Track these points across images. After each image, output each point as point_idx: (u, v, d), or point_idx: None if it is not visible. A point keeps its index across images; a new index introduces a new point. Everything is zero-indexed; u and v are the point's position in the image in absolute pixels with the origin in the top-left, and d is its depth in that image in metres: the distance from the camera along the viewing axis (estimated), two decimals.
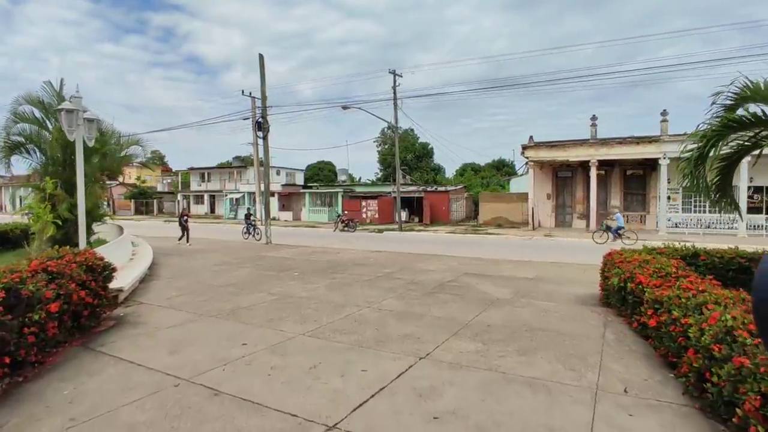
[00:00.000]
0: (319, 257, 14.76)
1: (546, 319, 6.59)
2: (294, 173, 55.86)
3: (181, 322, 6.39)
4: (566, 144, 26.24)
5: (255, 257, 14.44)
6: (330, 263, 13.13)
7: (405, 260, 14.22)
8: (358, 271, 11.55)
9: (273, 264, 12.78)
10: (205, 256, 14.47)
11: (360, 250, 17.12)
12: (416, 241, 21.79)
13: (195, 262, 12.99)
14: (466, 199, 37.07)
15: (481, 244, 20.57)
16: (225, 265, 12.48)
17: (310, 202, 38.87)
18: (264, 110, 19.30)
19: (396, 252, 16.52)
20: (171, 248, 17.09)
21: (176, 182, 54.61)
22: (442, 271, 11.66)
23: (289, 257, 14.61)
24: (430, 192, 33.95)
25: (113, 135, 14.34)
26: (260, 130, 19.20)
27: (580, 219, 28.78)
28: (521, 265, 13.16)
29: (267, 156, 19.55)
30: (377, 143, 74.26)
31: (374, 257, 14.92)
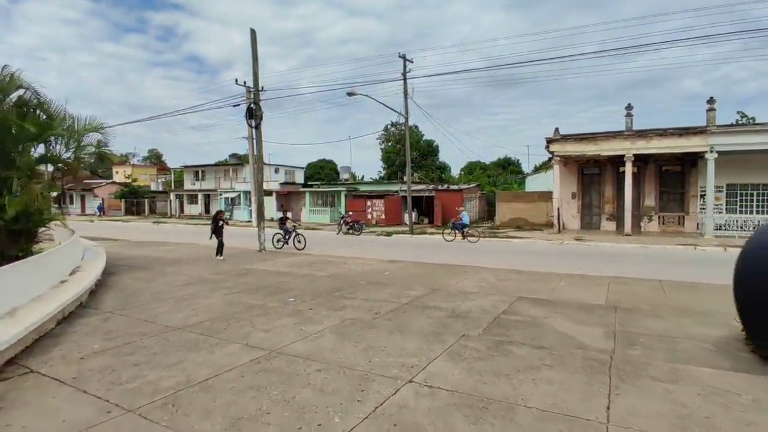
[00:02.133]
0: (321, 269, 11.93)
1: (736, 415, 3.71)
2: (293, 171, 53.03)
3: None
4: (597, 137, 23.38)
5: (241, 271, 11.59)
6: (336, 280, 10.30)
7: (429, 274, 11.40)
8: (374, 293, 8.71)
9: (262, 282, 9.93)
10: (179, 270, 11.63)
11: (370, 259, 14.29)
12: (432, 247, 18.95)
13: (160, 280, 10.13)
14: (479, 199, 34.22)
15: (509, 251, 17.72)
16: (198, 284, 9.63)
17: (311, 202, 36.05)
18: (256, 94, 16.47)
19: (414, 262, 13.68)
20: (143, 258, 14.25)
21: (169, 181, 51.76)
22: (485, 294, 8.82)
23: (284, 270, 11.77)
24: (442, 191, 31.11)
25: (65, 119, 11.52)
26: (252, 118, 16.37)
27: (609, 220, 25.94)
28: (577, 281, 10.34)
29: (260, 148, 16.73)
30: (380, 140, 71.59)
31: (390, 269, 12.10)
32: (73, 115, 11.75)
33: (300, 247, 16.94)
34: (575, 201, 26.69)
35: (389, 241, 21.85)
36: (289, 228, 17.75)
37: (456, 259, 14.48)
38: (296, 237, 17.39)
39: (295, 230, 17.76)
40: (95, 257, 11.39)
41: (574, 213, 26.52)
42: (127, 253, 15.23)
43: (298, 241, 17.24)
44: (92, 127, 12.12)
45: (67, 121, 11.57)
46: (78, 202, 54.46)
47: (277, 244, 17.63)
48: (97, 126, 12.06)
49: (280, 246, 17.45)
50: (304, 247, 16.88)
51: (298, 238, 17.30)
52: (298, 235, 17.47)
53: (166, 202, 48.82)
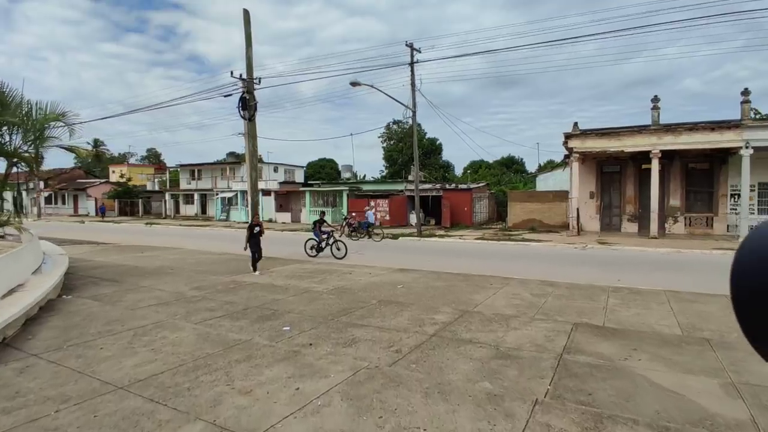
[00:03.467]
0: (322, 281, 10.19)
1: None
2: (293, 170, 51.24)
3: None
4: (621, 132, 21.61)
5: (229, 285, 9.83)
6: (341, 297, 8.55)
7: (450, 287, 9.66)
8: (390, 318, 6.96)
9: (252, 301, 8.18)
10: (155, 284, 9.87)
11: (379, 268, 12.55)
12: (445, 252, 17.21)
13: (127, 299, 8.33)
14: (489, 199, 32.47)
15: (529, 256, 15.97)
16: (173, 305, 7.87)
17: (311, 202, 34.29)
18: (250, 83, 14.71)
19: (430, 271, 11.93)
20: (119, 267, 12.49)
21: (164, 180, 49.98)
22: (527, 317, 7.08)
23: (279, 284, 10.02)
24: (450, 190, 29.34)
25: (22, 105, 9.78)
26: (245, 109, 14.61)
27: (631, 222, 24.19)
28: (629, 298, 8.61)
29: (254, 142, 14.98)
30: (382, 139, 69.92)
31: (403, 281, 10.35)
32: (32, 101, 10.04)
33: (339, 255, 14.66)
34: (594, 201, 24.94)
35: (397, 246, 20.09)
36: (329, 232, 15.40)
37: (473, 267, 12.74)
38: (335, 244, 15.08)
39: (332, 236, 15.38)
40: (54, 268, 9.63)
41: (592, 214, 24.77)
42: (103, 261, 13.48)
43: (337, 248, 14.90)
44: (54, 116, 10.39)
45: (23, 108, 9.83)
46: (71, 203, 52.71)
47: (311, 251, 15.29)
48: (59, 114, 10.32)
49: (314, 254, 15.15)
50: (345, 255, 14.63)
51: (337, 245, 15.00)
52: (337, 241, 15.18)
53: (161, 202, 47.05)
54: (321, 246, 15.17)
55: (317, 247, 15.20)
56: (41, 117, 10.12)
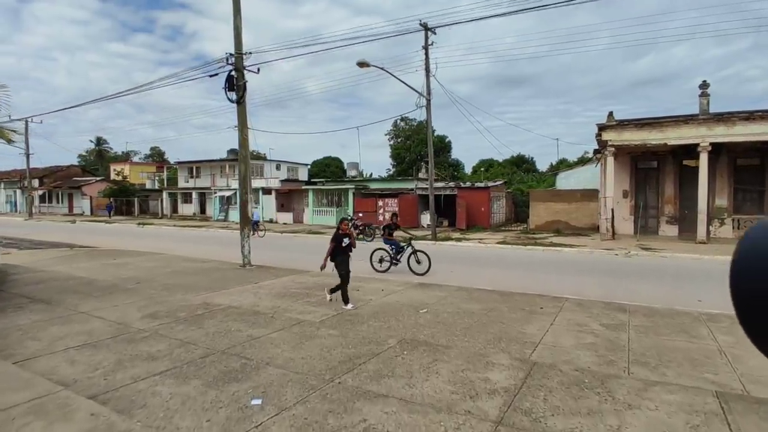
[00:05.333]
0: (321, 304, 7.79)
1: None
2: (297, 168, 48.98)
3: None
4: (664, 122, 19.04)
5: (195, 311, 7.44)
6: (344, 332, 6.15)
7: (492, 314, 7.26)
8: (420, 379, 4.52)
9: (216, 342, 5.78)
10: (99, 309, 7.51)
11: (393, 282, 10.15)
12: (467, 259, 14.77)
13: (41, 337, 5.95)
14: (506, 198, 29.97)
15: (567, 265, 13.50)
16: (99, 348, 5.52)
17: (315, 201, 31.92)
18: (238, 58, 12.34)
19: (457, 287, 9.50)
20: (71, 279, 10.17)
21: (162, 178, 47.81)
22: (633, 379, 4.63)
23: (263, 308, 7.62)
24: (465, 189, 26.86)
25: None
26: (232, 89, 12.25)
27: (670, 224, 21.61)
28: (736, 331, 6.02)
29: (245, 130, 12.63)
30: (389, 136, 67.61)
31: (426, 302, 7.94)
32: None
33: (420, 271, 11.23)
34: (627, 201, 22.40)
35: None
36: (400, 243, 11.85)
37: (505, 280, 10.33)
38: (414, 255, 11.56)
39: (411, 245, 11.79)
40: None
41: (625, 215, 22.20)
42: (57, 271, 11.16)
43: (417, 261, 11.44)
44: None
45: None
46: (65, 201, 50.71)
47: (379, 265, 11.81)
48: None
49: (385, 269, 11.75)
50: (428, 270, 11.21)
51: (417, 256, 11.48)
52: (417, 252, 11.60)
53: (157, 201, 44.86)
54: (397, 259, 11.82)
55: (391, 259, 11.84)
56: None
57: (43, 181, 52.16)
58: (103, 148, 77.03)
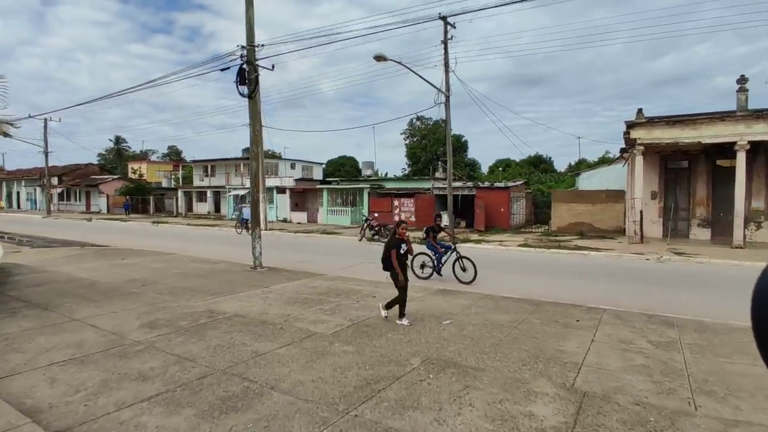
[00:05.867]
0: (335, 312, 7.16)
1: None
2: (311, 167, 48.55)
3: None
4: (698, 119, 17.98)
5: (198, 320, 6.86)
6: (360, 348, 5.50)
7: (523, 326, 6.54)
8: (451, 411, 3.83)
9: (217, 360, 5.17)
10: (95, 315, 6.98)
11: (413, 288, 9.44)
12: (489, 264, 13.96)
13: (26, 349, 5.34)
14: (526, 199, 29.02)
15: (595, 270, 12.65)
16: (86, 364, 4.96)
17: (329, 201, 31.37)
18: (250, 50, 11.79)
19: (482, 295, 8.77)
20: (74, 280, 9.70)
21: (177, 176, 47.78)
22: (708, 418, 3.86)
23: (272, 316, 7.01)
24: (484, 189, 26.00)
25: None
26: (244, 83, 11.70)
27: (702, 227, 20.49)
28: None
29: (257, 125, 12.09)
30: (405, 136, 66.87)
31: (449, 311, 7.25)
32: None
33: (466, 279, 10.22)
34: (656, 202, 21.32)
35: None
36: (447, 244, 10.97)
37: (533, 286, 9.55)
38: (459, 261, 10.46)
39: (456, 250, 10.68)
40: None
41: (654, 217, 21.14)
42: (60, 272, 10.73)
43: (463, 268, 10.36)
44: None
45: None
46: (83, 199, 51.11)
47: (421, 271, 10.87)
48: None
49: (427, 275, 10.82)
50: (474, 278, 10.18)
51: (463, 263, 10.37)
52: (462, 258, 10.44)
53: (172, 199, 44.84)
54: (440, 265, 10.78)
55: (434, 265, 10.79)
56: None
57: (61, 179, 52.66)
58: (121, 147, 77.81)
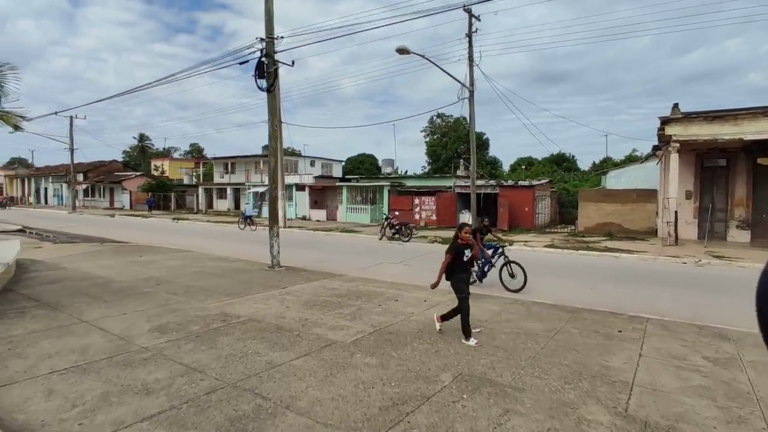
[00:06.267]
0: (355, 317, 6.70)
1: None
2: (331, 165, 48.31)
3: None
4: (739, 114, 16.95)
5: (210, 324, 6.48)
6: (384, 360, 5.02)
7: (560, 336, 5.98)
8: None
9: (227, 373, 4.76)
10: (105, 316, 6.66)
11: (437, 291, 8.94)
12: None
13: (28, 354, 5.05)
14: (551, 198, 28.15)
15: (628, 274, 11.91)
16: (88, 374, 4.60)
17: (349, 199, 31.01)
18: (269, 42, 11.41)
19: (512, 300, 8.21)
20: (88, 277, 9.47)
21: (198, 173, 48.09)
22: None
23: (289, 320, 6.59)
24: (508, 187, 25.26)
25: None
26: (263, 77, 11.33)
27: (741, 229, 19.40)
28: None
29: (275, 120, 11.72)
30: (425, 133, 66.17)
31: (479, 317, 6.72)
32: None
33: (515, 287, 9.21)
34: (691, 202, 20.28)
35: None
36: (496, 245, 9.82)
37: (566, 292, 8.91)
38: (507, 266, 9.37)
39: (503, 252, 9.50)
40: None
41: (688, 218, 20.11)
42: (75, 269, 10.53)
43: (511, 274, 9.31)
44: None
45: None
46: (107, 195, 51.93)
47: (481, 274, 9.78)
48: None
49: (473, 281, 8.82)
50: (524, 286, 9.13)
51: (511, 268, 9.37)
52: (511, 263, 9.31)
53: (193, 196, 45.15)
54: (485, 270, 9.72)
55: (478, 271, 9.65)
56: None
57: (86, 176, 53.62)
58: (145, 144, 79.06)
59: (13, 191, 66.94)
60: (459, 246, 6.01)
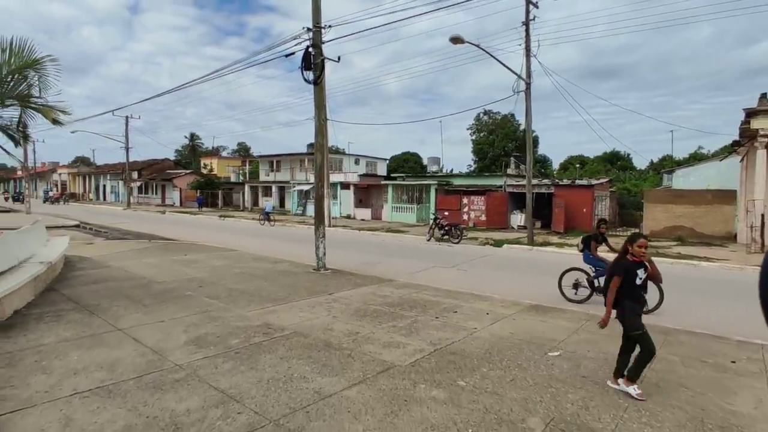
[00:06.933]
0: (411, 333, 5.89)
1: None
2: (375, 163, 47.73)
3: None
4: None
5: (251, 337, 5.84)
6: (451, 391, 4.19)
7: (655, 368, 4.89)
8: None
9: (267, 404, 4.02)
10: (141, 324, 6.18)
11: (498, 300, 8.02)
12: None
13: (54, 368, 4.59)
14: (610, 199, 26.26)
15: (712, 286, 10.50)
16: (113, 398, 4.04)
17: (394, 197, 30.26)
18: (316, 32, 10.79)
19: (586, 314, 7.15)
20: (128, 278, 9.16)
21: (244, 171, 48.82)
22: None
23: (338, 335, 5.86)
24: (564, 187, 23.70)
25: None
26: (309, 68, 10.73)
27: None
28: None
29: (321, 114, 11.09)
30: (471, 131, 64.50)
31: (553, 338, 5.77)
32: None
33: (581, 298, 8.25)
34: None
35: (505, 257, 15.29)
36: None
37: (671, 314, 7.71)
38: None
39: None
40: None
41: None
42: (125, 266, 10.31)
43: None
44: (31, 61, 7.04)
45: None
46: (159, 192, 53.72)
47: (574, 292, 8.37)
48: (33, 61, 6.93)
49: (582, 298, 8.26)
50: (659, 305, 7.47)
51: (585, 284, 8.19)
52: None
53: (239, 194, 45.84)
54: (597, 281, 8.18)
55: (592, 284, 8.28)
56: (18, 63, 6.89)
57: (141, 174, 55.70)
58: (196, 143, 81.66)
59: (76, 188, 70.74)
60: (628, 265, 4.45)
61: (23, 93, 7.30)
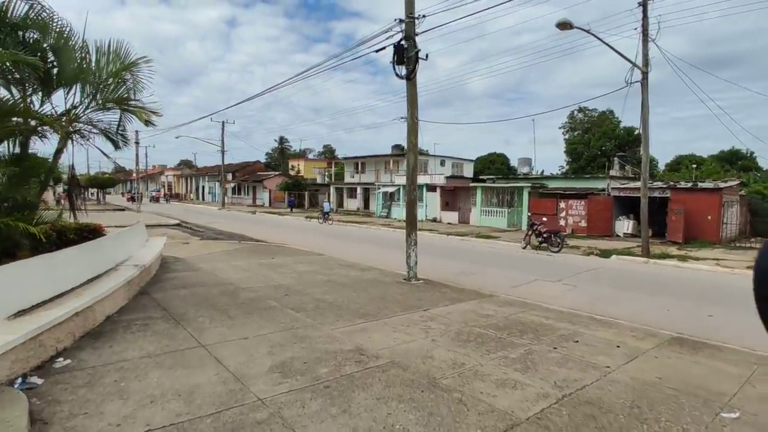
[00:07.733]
0: (528, 367, 4.83)
1: None
2: (461, 164, 46.27)
3: None
4: None
5: (341, 366, 5.09)
6: None
7: None
8: None
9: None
10: (225, 339, 5.67)
11: (628, 328, 6.65)
12: (723, 298, 10.20)
13: (131, 391, 4.24)
14: (740, 204, 22.70)
15: None
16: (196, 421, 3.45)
17: (483, 200, 28.75)
18: (409, 23, 9.98)
19: (755, 357, 5.55)
20: (215, 285, 8.94)
21: (329, 173, 49.71)
22: None
23: (440, 365, 4.93)
24: (683, 190, 20.74)
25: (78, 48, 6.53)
26: (401, 63, 9.94)
27: None
28: None
29: (414, 111, 10.26)
30: (564, 130, 60.55)
31: (710, 384, 4.33)
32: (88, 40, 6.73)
33: None
34: None
35: (617, 271, 13.42)
36: None
37: None
38: None
39: None
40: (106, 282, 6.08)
41: None
42: (215, 268, 10.23)
43: None
44: (130, 63, 6.94)
45: (77, 51, 6.55)
46: (250, 193, 56.55)
47: None
48: (129, 64, 6.81)
49: None
50: None
51: None
52: None
53: (324, 195, 46.74)
54: None
55: None
56: (116, 66, 6.86)
57: (234, 175, 59.09)
58: (284, 146, 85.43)
59: (180, 189, 77.18)
60: None
61: (123, 96, 7.26)
